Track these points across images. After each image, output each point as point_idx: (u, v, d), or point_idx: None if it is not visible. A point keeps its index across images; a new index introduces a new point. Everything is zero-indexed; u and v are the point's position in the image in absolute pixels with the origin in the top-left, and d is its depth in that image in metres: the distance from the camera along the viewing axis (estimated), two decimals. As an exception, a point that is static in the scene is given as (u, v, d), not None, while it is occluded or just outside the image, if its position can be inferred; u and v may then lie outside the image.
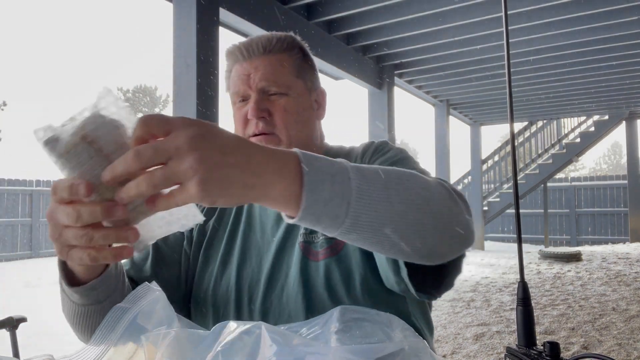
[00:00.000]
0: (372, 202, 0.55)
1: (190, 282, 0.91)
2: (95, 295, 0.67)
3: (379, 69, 5.56)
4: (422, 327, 0.87)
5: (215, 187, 0.46)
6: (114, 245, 0.52)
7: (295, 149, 0.54)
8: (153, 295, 0.58)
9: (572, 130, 10.80)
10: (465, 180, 11.27)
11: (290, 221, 0.54)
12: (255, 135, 0.87)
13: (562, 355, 0.50)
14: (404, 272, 0.70)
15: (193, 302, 0.90)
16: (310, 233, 0.86)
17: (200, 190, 0.45)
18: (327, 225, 0.54)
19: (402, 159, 0.85)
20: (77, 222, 0.48)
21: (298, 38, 0.95)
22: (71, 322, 0.75)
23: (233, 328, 0.53)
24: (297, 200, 0.52)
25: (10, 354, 1.96)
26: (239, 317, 0.84)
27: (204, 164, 0.45)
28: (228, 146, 0.47)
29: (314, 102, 0.95)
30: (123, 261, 0.86)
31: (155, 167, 0.46)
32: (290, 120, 0.88)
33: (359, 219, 0.55)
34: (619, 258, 8.29)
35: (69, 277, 0.66)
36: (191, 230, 0.95)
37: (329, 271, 0.82)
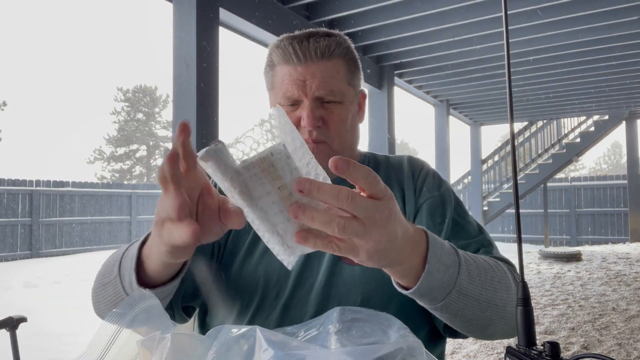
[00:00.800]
0: (465, 297, 0.65)
1: (216, 269, 0.90)
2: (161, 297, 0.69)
3: (379, 69, 5.55)
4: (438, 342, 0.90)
5: (375, 257, 0.52)
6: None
7: (423, 228, 0.62)
8: (148, 302, 0.58)
9: (572, 130, 10.80)
10: (465, 180, 11.26)
11: (400, 290, 0.63)
12: (307, 142, 0.85)
13: (562, 355, 0.50)
14: (438, 322, 0.81)
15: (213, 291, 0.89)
16: None
17: (366, 256, 0.52)
18: (422, 302, 0.64)
19: (463, 213, 0.90)
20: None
21: (348, 39, 0.92)
22: (108, 307, 0.74)
23: (228, 332, 0.53)
24: (413, 280, 0.60)
25: (10, 354, 1.96)
26: (262, 309, 0.83)
27: (387, 237, 0.51)
28: (401, 230, 0.54)
29: (357, 106, 0.95)
30: None
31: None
32: (343, 130, 0.88)
33: (449, 306, 0.64)
34: (619, 258, 8.30)
35: (139, 276, 0.67)
36: None
37: (366, 278, 0.82)
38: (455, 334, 0.81)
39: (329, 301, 0.81)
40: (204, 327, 0.92)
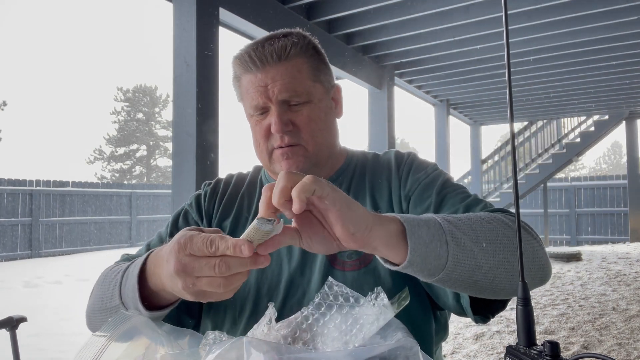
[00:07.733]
0: (464, 242, 0.63)
1: None
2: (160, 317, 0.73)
3: (379, 69, 5.55)
4: (439, 337, 0.88)
5: (347, 220, 0.57)
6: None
7: (398, 215, 0.63)
8: (138, 318, 0.58)
9: (572, 130, 10.79)
10: (465, 180, 11.26)
11: (394, 268, 0.62)
12: (281, 147, 0.85)
13: (562, 355, 0.50)
14: (465, 300, 0.75)
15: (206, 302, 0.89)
16: None
17: (340, 222, 0.58)
18: (422, 272, 0.62)
19: (447, 181, 0.88)
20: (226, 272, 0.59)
21: (308, 35, 0.90)
22: (101, 317, 0.76)
23: (216, 343, 0.53)
24: (404, 246, 0.60)
25: (10, 354, 1.96)
26: (255, 317, 0.83)
27: (344, 198, 0.59)
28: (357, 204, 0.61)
29: (331, 101, 0.92)
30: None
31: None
32: (316, 129, 0.86)
33: (457, 259, 0.63)
34: (619, 258, 8.29)
35: (144, 299, 0.70)
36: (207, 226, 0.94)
37: (360, 282, 0.81)
38: (484, 315, 0.76)
39: None
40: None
